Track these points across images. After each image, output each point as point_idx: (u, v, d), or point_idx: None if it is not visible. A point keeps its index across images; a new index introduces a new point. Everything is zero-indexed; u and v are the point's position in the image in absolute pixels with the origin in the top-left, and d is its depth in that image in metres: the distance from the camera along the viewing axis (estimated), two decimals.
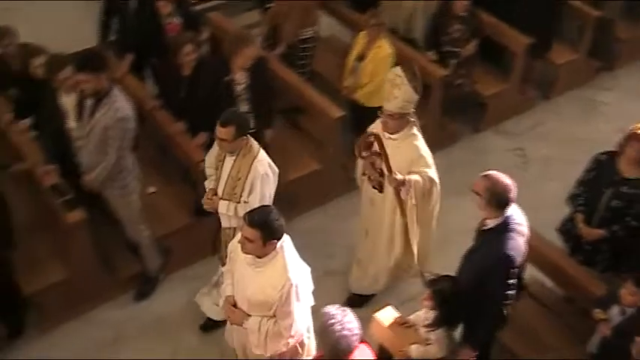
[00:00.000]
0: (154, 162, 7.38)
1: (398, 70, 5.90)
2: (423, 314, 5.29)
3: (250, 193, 5.69)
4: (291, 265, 4.94)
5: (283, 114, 8.06)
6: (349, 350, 4.32)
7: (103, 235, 6.73)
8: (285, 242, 4.99)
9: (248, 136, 5.70)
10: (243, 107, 6.78)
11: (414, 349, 5.22)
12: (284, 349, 5.12)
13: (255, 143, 5.74)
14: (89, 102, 6.14)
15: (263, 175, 5.67)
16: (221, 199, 5.81)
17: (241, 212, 5.53)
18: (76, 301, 6.62)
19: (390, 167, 5.83)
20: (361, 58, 7.53)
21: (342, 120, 7.38)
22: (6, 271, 6.23)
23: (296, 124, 8.11)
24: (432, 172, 6.04)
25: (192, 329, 6.61)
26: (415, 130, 6.03)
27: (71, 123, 6.38)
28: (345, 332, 4.29)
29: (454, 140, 8.64)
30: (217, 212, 5.87)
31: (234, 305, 5.15)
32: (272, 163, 5.80)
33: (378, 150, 5.87)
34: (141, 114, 6.77)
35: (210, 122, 6.77)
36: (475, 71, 8.55)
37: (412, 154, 5.99)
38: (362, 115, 7.58)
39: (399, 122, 5.95)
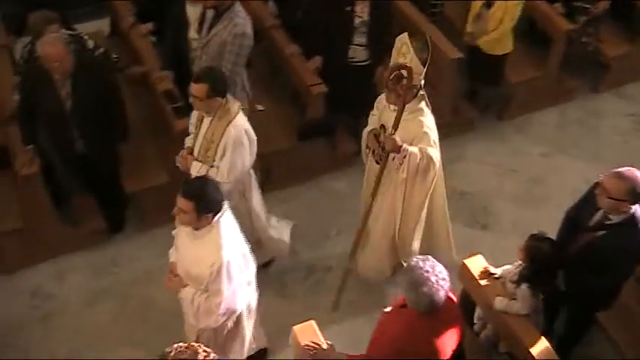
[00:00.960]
0: (265, 80, 7.44)
1: (405, 37, 5.28)
2: (513, 269, 5.24)
3: (221, 158, 5.50)
4: (225, 242, 4.71)
5: None
6: (444, 299, 4.30)
7: None
8: (224, 217, 4.78)
9: (228, 97, 5.44)
10: (359, 39, 6.74)
11: (498, 302, 5.19)
12: (214, 326, 4.98)
13: (235, 106, 5.46)
14: (210, 14, 6.21)
15: (235, 141, 5.39)
16: (195, 159, 5.62)
17: (211, 176, 5.36)
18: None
19: (397, 125, 5.40)
20: (489, 5, 7.30)
21: (458, 63, 7.25)
22: (115, 166, 6.50)
23: None
24: (434, 152, 5.50)
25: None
26: (422, 105, 5.50)
27: (192, 33, 6.49)
28: (442, 283, 4.22)
29: (570, 98, 8.36)
30: (188, 173, 5.68)
31: (175, 273, 5.00)
32: (250, 130, 5.52)
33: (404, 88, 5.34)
34: (258, 31, 6.80)
35: (324, 47, 6.80)
36: (602, 30, 8.23)
37: (416, 130, 5.48)
38: (482, 63, 7.44)
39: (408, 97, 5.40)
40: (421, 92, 5.47)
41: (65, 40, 5.92)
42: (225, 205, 4.80)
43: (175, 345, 3.57)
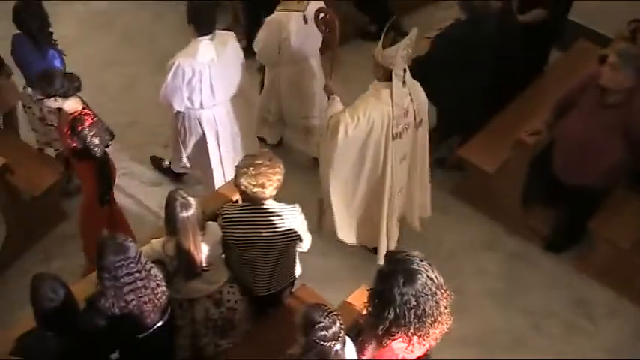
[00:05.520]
0: None
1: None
2: None
3: None
4: (193, 54, 5.99)
5: None
6: None
7: None
8: (208, 44, 6.02)
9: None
10: None
11: None
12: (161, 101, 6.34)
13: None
14: None
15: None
16: None
17: None
18: None
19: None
20: None
21: None
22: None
23: None
24: (345, 123, 5.63)
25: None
26: (384, 90, 5.62)
27: None
28: None
29: None
30: None
31: None
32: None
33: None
34: None
35: None
36: None
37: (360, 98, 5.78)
38: None
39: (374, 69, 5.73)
40: (393, 79, 5.60)
41: None
42: (215, 34, 6.09)
43: None
